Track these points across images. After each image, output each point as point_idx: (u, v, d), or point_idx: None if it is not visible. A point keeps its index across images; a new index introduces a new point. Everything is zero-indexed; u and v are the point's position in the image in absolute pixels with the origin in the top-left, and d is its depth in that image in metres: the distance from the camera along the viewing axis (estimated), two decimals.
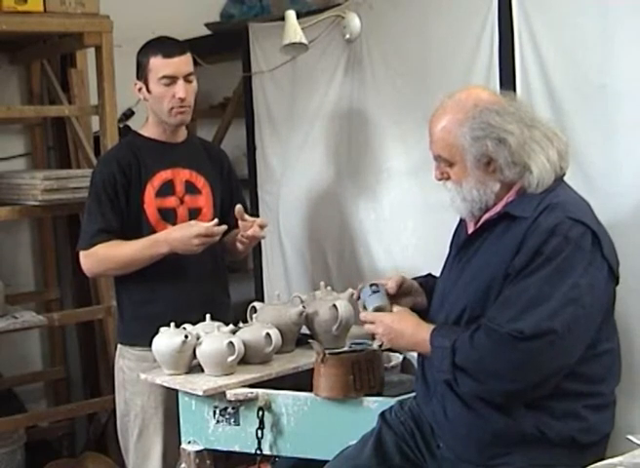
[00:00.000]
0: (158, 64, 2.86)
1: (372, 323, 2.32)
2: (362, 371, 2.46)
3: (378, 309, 2.34)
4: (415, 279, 2.56)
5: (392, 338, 2.29)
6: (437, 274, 2.46)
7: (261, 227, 2.90)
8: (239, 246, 2.93)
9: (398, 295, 2.43)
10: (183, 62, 2.88)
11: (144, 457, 2.97)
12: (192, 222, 2.85)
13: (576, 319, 2.04)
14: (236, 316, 2.96)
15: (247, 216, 2.90)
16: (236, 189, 3.15)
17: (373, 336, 2.42)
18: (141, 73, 2.91)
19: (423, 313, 2.43)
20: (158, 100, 2.89)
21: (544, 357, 2.02)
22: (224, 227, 2.82)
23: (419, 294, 2.48)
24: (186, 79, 2.88)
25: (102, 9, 3.62)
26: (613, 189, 2.44)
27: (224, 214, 3.04)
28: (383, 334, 2.29)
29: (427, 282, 2.50)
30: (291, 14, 3.21)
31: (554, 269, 2.04)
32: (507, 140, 2.13)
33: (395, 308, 2.34)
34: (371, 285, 2.41)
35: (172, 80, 2.86)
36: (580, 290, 2.04)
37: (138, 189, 2.90)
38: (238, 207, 2.88)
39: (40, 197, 3.45)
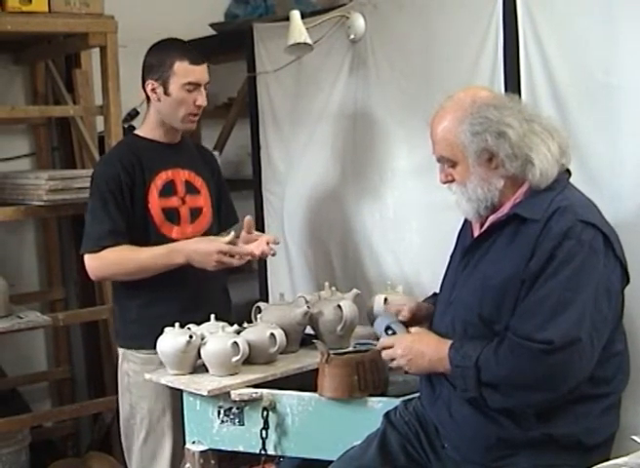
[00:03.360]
0: (184, 70, 2.85)
1: (390, 347, 2.28)
2: (366, 372, 2.45)
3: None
4: (424, 301, 2.54)
5: (412, 359, 2.23)
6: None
7: (273, 243, 2.86)
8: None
9: (414, 322, 2.39)
10: (205, 71, 2.92)
11: (151, 460, 2.96)
12: (212, 238, 2.85)
13: (595, 324, 2.04)
14: (241, 316, 2.96)
15: (254, 231, 2.92)
16: (225, 192, 3.17)
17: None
18: (160, 74, 2.87)
19: None
20: (176, 105, 2.88)
21: (572, 366, 2.02)
22: (249, 250, 2.80)
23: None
24: (205, 87, 2.92)
25: (107, 9, 3.62)
26: (617, 188, 2.44)
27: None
28: (403, 355, 2.24)
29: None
30: (295, 14, 3.20)
31: (572, 273, 2.04)
32: (507, 133, 2.13)
33: (413, 329, 2.32)
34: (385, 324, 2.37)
35: (195, 87, 2.87)
36: (597, 294, 2.05)
37: (142, 189, 2.90)
38: (248, 219, 2.90)
39: (45, 197, 3.45)
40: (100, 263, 2.85)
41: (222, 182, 3.18)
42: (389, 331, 2.37)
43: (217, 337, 2.65)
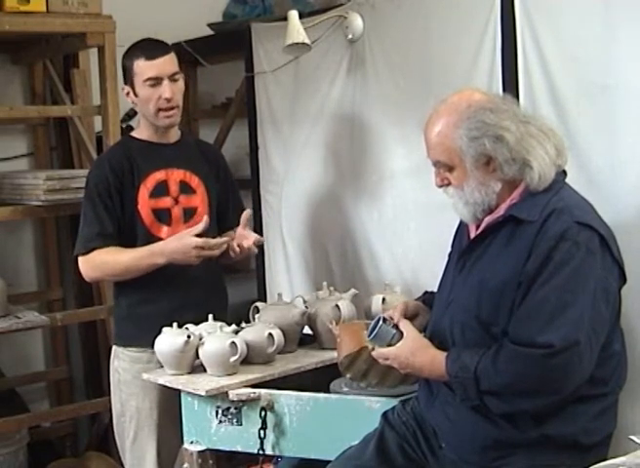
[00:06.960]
0: (142, 67, 2.86)
1: (386, 359, 2.28)
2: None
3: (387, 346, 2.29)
4: (416, 299, 2.53)
5: (411, 373, 2.26)
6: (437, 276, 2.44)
7: (257, 243, 2.93)
8: (231, 253, 2.91)
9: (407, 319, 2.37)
10: (167, 62, 2.87)
11: (140, 459, 2.96)
12: (182, 234, 2.81)
13: (594, 325, 2.04)
14: (238, 316, 2.96)
15: (248, 229, 2.92)
16: (233, 189, 3.16)
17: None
18: (128, 77, 2.91)
19: None
20: (145, 103, 2.89)
21: (572, 368, 2.02)
22: (225, 240, 2.83)
23: (427, 313, 2.43)
24: (172, 79, 2.87)
25: (105, 9, 3.62)
26: (616, 190, 2.43)
27: (221, 214, 3.06)
28: (400, 369, 2.26)
29: (426, 300, 2.47)
30: (293, 14, 3.20)
31: (569, 275, 2.03)
32: (505, 137, 2.12)
33: (403, 327, 2.26)
34: (376, 321, 2.30)
35: (156, 81, 2.85)
36: (595, 295, 2.04)
37: (131, 191, 2.90)
38: (248, 212, 2.91)
39: (43, 197, 3.46)
40: (89, 266, 2.89)
41: (230, 179, 3.17)
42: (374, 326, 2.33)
43: (215, 337, 2.65)
